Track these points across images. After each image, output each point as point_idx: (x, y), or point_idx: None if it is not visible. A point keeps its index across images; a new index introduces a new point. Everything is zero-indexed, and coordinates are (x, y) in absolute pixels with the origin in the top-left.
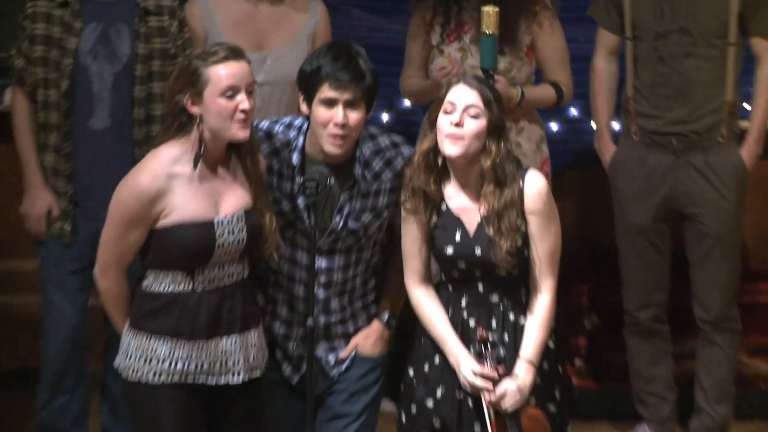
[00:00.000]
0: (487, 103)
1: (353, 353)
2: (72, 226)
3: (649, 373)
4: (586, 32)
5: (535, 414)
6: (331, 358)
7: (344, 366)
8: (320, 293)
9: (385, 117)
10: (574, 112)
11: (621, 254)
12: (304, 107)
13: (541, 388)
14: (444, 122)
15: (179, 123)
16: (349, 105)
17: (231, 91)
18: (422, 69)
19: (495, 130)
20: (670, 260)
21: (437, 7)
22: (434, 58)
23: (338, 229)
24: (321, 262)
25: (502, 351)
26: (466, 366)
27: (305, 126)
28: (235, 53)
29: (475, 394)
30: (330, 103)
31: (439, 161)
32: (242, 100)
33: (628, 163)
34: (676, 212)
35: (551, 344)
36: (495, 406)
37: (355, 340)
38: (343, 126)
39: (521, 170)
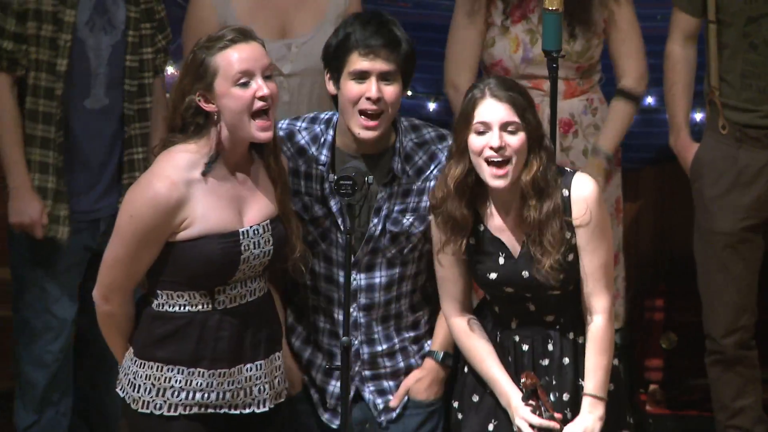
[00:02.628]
0: (522, 113)
1: (405, 399)
2: (69, 226)
3: (735, 406)
4: (664, 8)
5: None
6: (380, 402)
7: (395, 414)
8: (361, 318)
9: (432, 106)
10: (650, 100)
11: (702, 270)
12: (331, 87)
13: (609, 416)
14: (477, 144)
15: (196, 125)
16: (383, 77)
17: (244, 78)
18: (475, 69)
19: (535, 140)
20: (758, 277)
21: None
22: (494, 42)
23: (376, 234)
24: (360, 280)
25: (546, 382)
26: (520, 418)
27: (335, 118)
28: (243, 34)
29: None
30: (361, 75)
31: (470, 182)
32: (258, 87)
33: (715, 162)
34: None
35: (615, 362)
36: None
37: (406, 384)
38: (377, 101)
39: (566, 175)
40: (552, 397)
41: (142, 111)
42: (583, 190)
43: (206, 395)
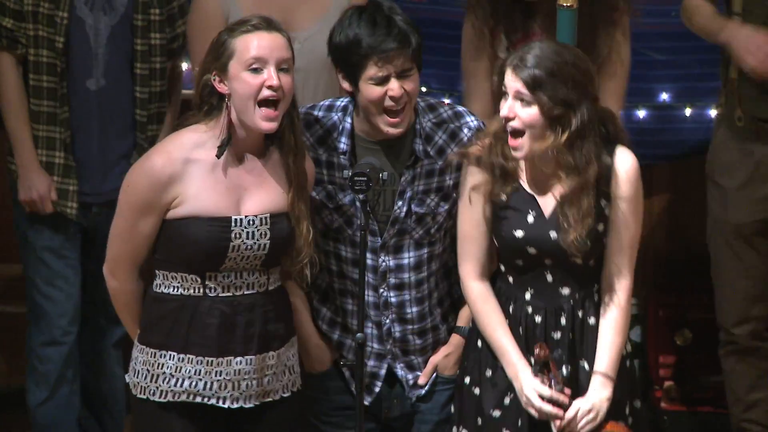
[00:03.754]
0: (533, 88)
1: (434, 375)
2: (78, 204)
3: (750, 399)
4: (678, 5)
5: (615, 429)
6: (410, 377)
7: (423, 391)
8: (392, 297)
9: (446, 102)
10: (664, 96)
11: (715, 260)
12: (346, 85)
13: (620, 389)
14: (501, 111)
15: (209, 105)
16: (401, 75)
17: (257, 64)
18: (488, 95)
19: (553, 118)
20: None
21: (496, 13)
22: None
23: (402, 217)
24: (389, 261)
25: (559, 354)
26: (530, 387)
27: (351, 106)
28: (267, 23)
29: (542, 419)
30: (381, 79)
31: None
32: (269, 77)
33: (730, 154)
34: None
35: (628, 346)
36: (568, 430)
37: (434, 360)
38: (400, 98)
39: (608, 147)
40: (564, 371)
41: (153, 94)
42: (624, 164)
43: (194, 383)
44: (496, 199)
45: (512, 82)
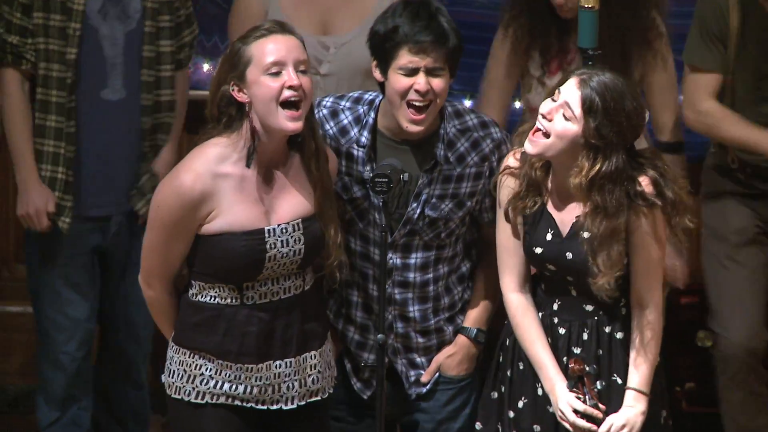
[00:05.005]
0: (587, 110)
1: (436, 375)
2: (71, 218)
3: (752, 426)
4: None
5: None
6: (412, 374)
7: (425, 389)
8: (396, 294)
9: (467, 104)
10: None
11: (709, 274)
12: (377, 74)
13: (654, 401)
14: (541, 108)
15: (228, 117)
16: (431, 72)
17: (275, 67)
18: (507, 109)
19: (591, 146)
20: None
21: (533, 30)
22: (531, 89)
23: (415, 218)
24: (396, 259)
25: (594, 370)
26: (564, 402)
27: (378, 100)
28: (281, 27)
29: None
30: (410, 71)
31: None
32: (289, 78)
33: (723, 169)
34: None
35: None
36: None
37: (438, 359)
38: (426, 93)
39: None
40: (599, 385)
41: (157, 103)
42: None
43: (234, 387)
44: (523, 213)
45: (571, 91)
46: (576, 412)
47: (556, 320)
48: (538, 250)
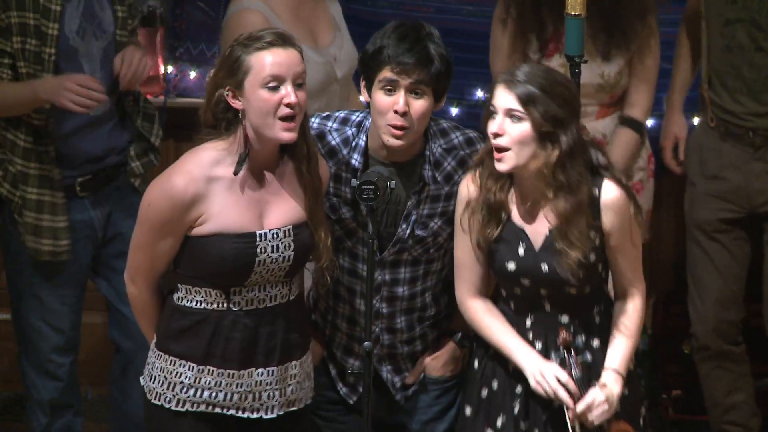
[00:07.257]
0: (528, 102)
1: (422, 377)
2: (69, 240)
3: (728, 402)
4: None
5: (625, 428)
6: (397, 380)
7: (411, 391)
8: (384, 308)
9: (454, 111)
10: None
11: (688, 262)
12: (365, 94)
13: (627, 398)
14: (489, 128)
15: (225, 121)
16: (412, 91)
17: (274, 82)
18: None
19: (543, 135)
20: (746, 273)
21: (525, 17)
22: None
23: (405, 238)
24: (385, 275)
25: (588, 356)
26: (549, 371)
27: (367, 123)
28: (282, 39)
29: (557, 403)
30: (390, 87)
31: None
32: (287, 94)
33: (701, 152)
34: (753, 213)
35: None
36: (581, 420)
37: (423, 361)
38: (404, 114)
39: (596, 178)
40: (583, 358)
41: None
42: (609, 196)
43: (214, 394)
44: (488, 236)
45: (504, 97)
46: (560, 382)
47: (531, 335)
48: (511, 266)
